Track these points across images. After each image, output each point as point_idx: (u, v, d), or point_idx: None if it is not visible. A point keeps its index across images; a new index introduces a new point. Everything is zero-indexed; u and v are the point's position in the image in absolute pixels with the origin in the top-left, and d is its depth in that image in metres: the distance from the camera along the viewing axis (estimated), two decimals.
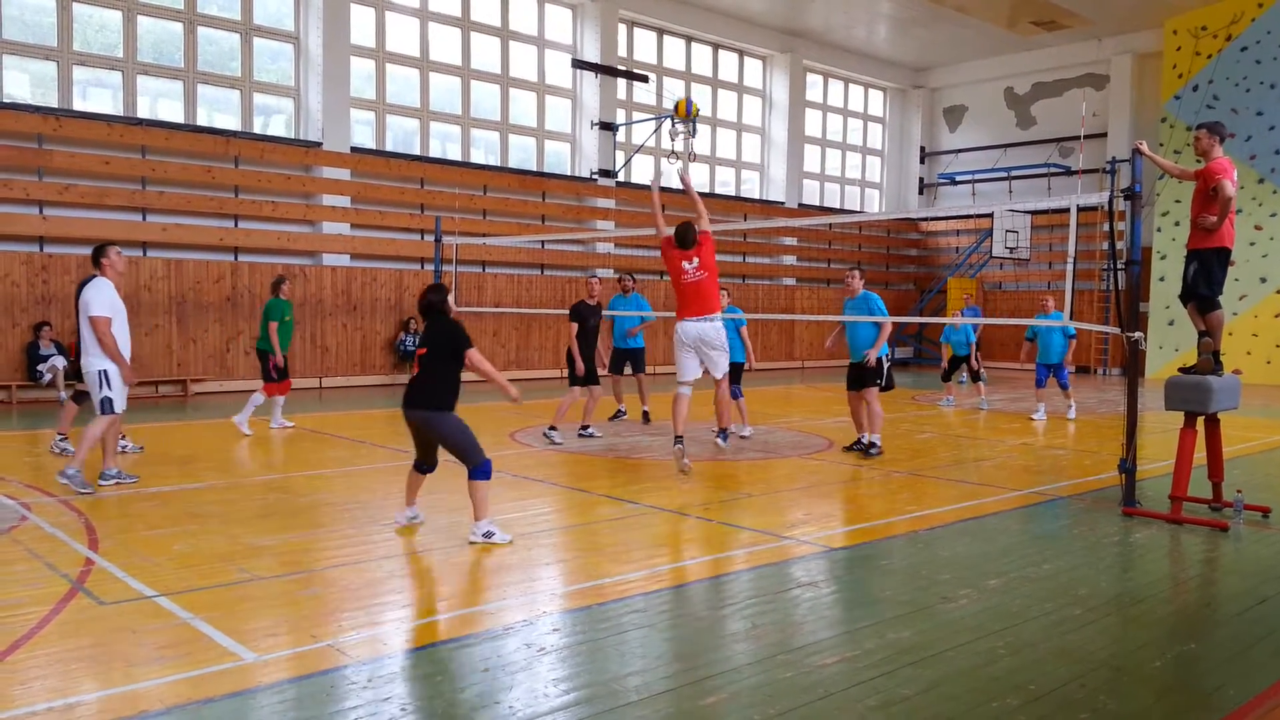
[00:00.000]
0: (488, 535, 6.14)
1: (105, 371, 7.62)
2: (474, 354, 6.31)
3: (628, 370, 12.50)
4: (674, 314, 8.56)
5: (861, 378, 9.94)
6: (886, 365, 10.05)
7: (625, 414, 12.72)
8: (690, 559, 6.09)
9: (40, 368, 13.88)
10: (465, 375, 6.48)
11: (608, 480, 8.60)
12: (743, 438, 11.06)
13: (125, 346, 7.76)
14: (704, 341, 8.33)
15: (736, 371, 11.26)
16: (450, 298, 6.74)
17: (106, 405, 7.66)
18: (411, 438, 6.52)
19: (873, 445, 9.88)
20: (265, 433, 11.21)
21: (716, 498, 7.82)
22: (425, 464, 6.54)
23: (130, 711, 3.60)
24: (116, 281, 7.86)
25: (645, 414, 12.56)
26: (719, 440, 8.08)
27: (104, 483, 7.79)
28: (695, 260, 8.34)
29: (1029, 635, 4.61)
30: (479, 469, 6.21)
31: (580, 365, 10.85)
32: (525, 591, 5.24)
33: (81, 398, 9.72)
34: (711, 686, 3.94)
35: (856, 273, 10.30)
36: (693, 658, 4.30)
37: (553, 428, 10.64)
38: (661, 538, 6.56)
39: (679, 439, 8.25)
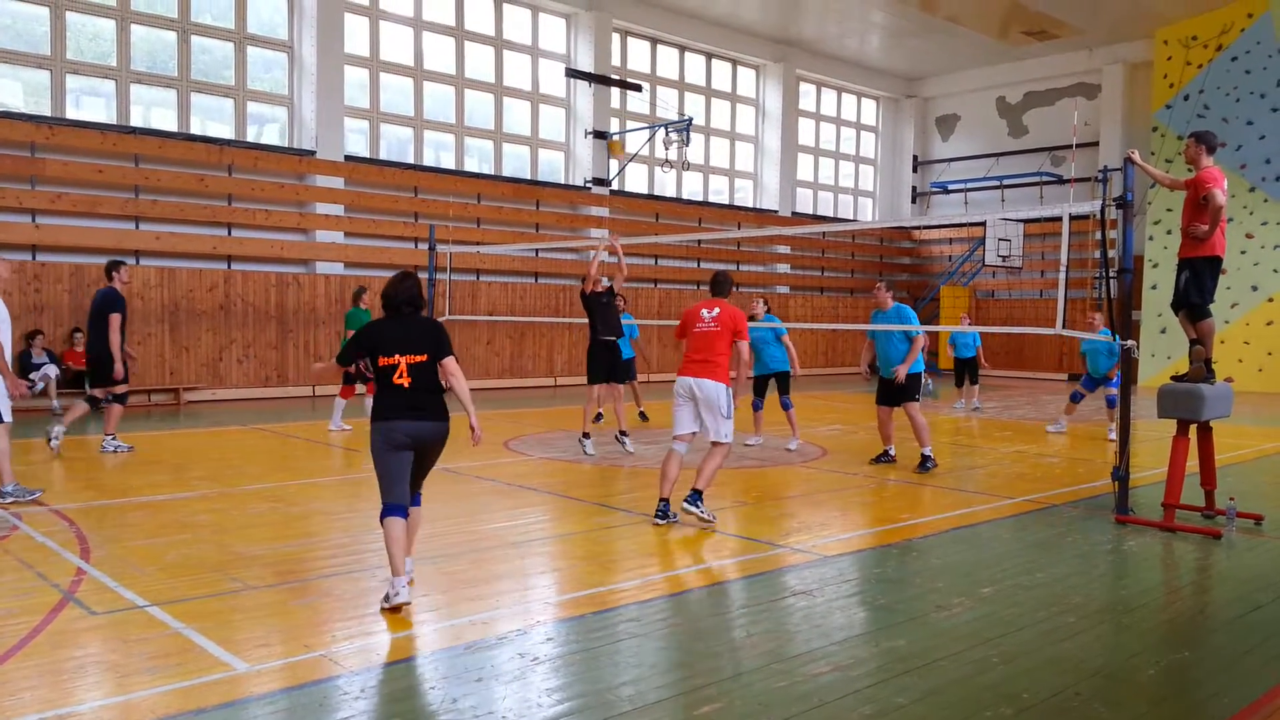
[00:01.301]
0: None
1: None
2: (454, 363, 5.32)
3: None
4: (660, 321, 8.41)
5: (895, 394, 9.79)
6: (925, 380, 9.98)
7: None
8: (684, 567, 6.08)
9: (32, 376, 13.83)
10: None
11: (601, 488, 8.59)
12: (789, 450, 10.88)
13: (6, 352, 7.55)
14: (702, 401, 7.19)
15: (785, 380, 11.37)
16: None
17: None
18: (397, 467, 5.13)
19: (926, 459, 9.63)
20: (259, 442, 11.17)
21: (711, 506, 7.81)
22: (408, 503, 5.19)
23: None
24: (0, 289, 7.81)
25: (642, 414, 13.72)
26: (685, 504, 7.00)
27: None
28: (716, 310, 7.37)
29: (1022, 644, 4.61)
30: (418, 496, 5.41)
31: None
32: (518, 600, 5.22)
33: (124, 399, 10.27)
34: (705, 696, 3.93)
35: (883, 285, 10.13)
36: (687, 667, 4.29)
37: (585, 435, 10.49)
38: (655, 546, 6.55)
39: (664, 503, 7.09)
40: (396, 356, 5.15)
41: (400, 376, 5.14)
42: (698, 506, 6.99)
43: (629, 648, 4.51)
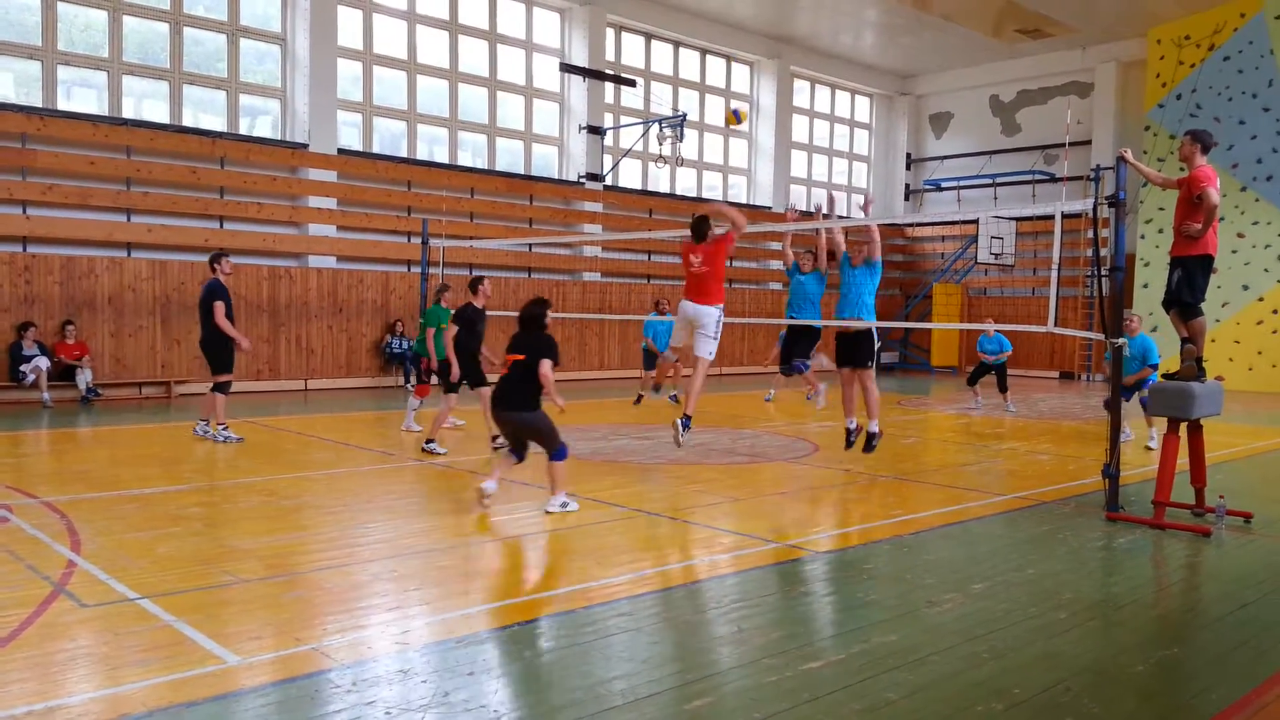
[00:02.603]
0: (564, 505, 7.11)
1: None
2: (546, 366, 7.12)
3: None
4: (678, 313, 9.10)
5: (853, 354, 9.15)
6: (879, 343, 9.59)
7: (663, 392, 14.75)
8: (676, 562, 6.09)
9: (23, 368, 13.78)
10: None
11: (593, 483, 8.58)
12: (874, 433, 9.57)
13: None
14: (695, 321, 8.75)
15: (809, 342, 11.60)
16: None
17: None
18: (507, 433, 7.45)
19: (872, 435, 9.14)
20: (251, 435, 11.13)
21: (703, 501, 7.83)
22: (519, 454, 7.39)
23: (112, 715, 3.57)
24: None
25: (674, 397, 15.03)
26: (678, 421, 8.43)
27: None
28: (700, 256, 8.78)
29: (1013, 640, 4.62)
30: (558, 453, 7.16)
31: (456, 371, 10.51)
32: (510, 595, 5.23)
33: (227, 388, 10.65)
34: (697, 690, 3.94)
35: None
36: (678, 661, 4.30)
37: (430, 440, 10.13)
38: (648, 541, 6.55)
39: (656, 387, 10.41)
40: (509, 357, 7.20)
41: (506, 369, 7.19)
42: (688, 428, 8.52)
43: (621, 642, 4.51)
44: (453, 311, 11.06)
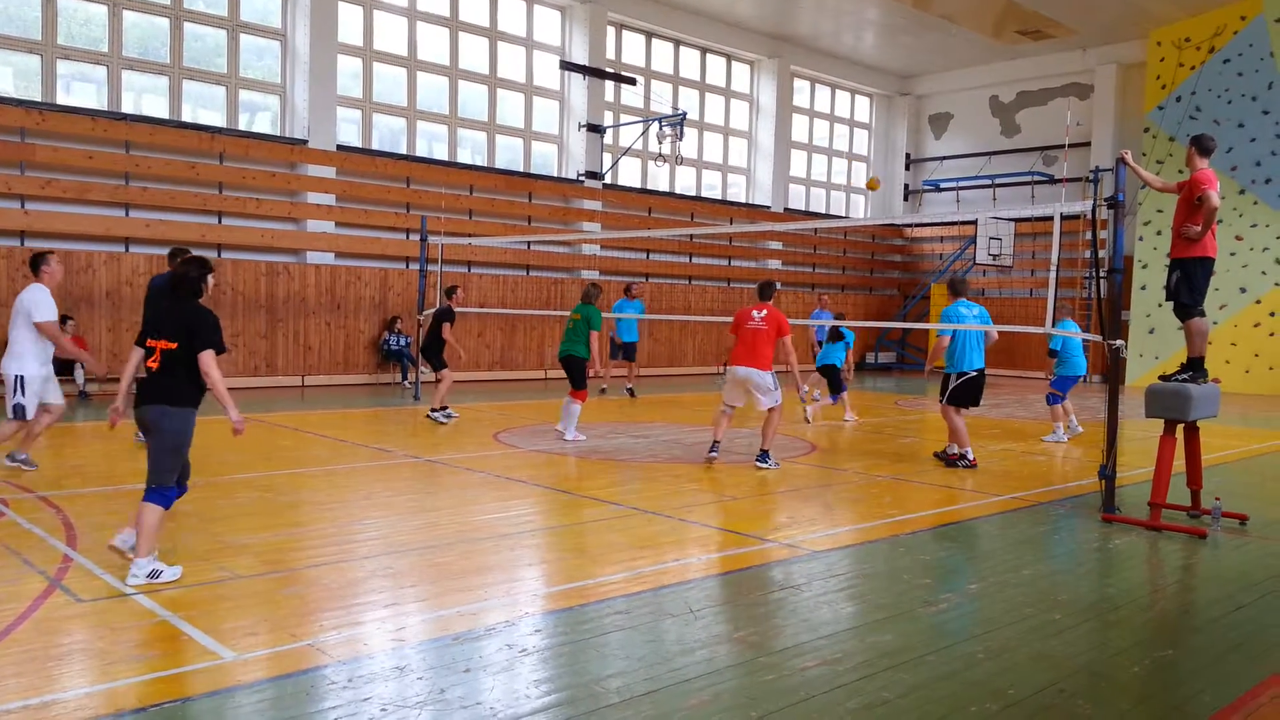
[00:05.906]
0: (152, 575, 5.03)
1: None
2: (209, 359, 5.35)
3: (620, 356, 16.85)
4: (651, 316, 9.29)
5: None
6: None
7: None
8: (672, 561, 6.09)
9: None
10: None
11: (591, 481, 8.59)
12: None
13: None
14: (753, 384, 9.24)
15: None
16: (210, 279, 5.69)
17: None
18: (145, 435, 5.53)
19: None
20: (247, 431, 11.10)
21: (699, 500, 7.83)
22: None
23: (108, 710, 3.57)
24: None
25: (631, 390, 16.51)
26: (757, 462, 9.21)
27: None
28: (764, 312, 9.30)
29: (1008, 640, 4.63)
30: (160, 492, 5.28)
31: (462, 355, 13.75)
32: (507, 592, 5.23)
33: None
34: (693, 689, 3.94)
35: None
36: (674, 660, 4.30)
37: (442, 408, 12.25)
38: (644, 539, 6.55)
39: (715, 444, 9.44)
40: (157, 343, 5.36)
41: (153, 361, 5.37)
42: (766, 462, 9.14)
43: (617, 640, 4.52)
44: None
